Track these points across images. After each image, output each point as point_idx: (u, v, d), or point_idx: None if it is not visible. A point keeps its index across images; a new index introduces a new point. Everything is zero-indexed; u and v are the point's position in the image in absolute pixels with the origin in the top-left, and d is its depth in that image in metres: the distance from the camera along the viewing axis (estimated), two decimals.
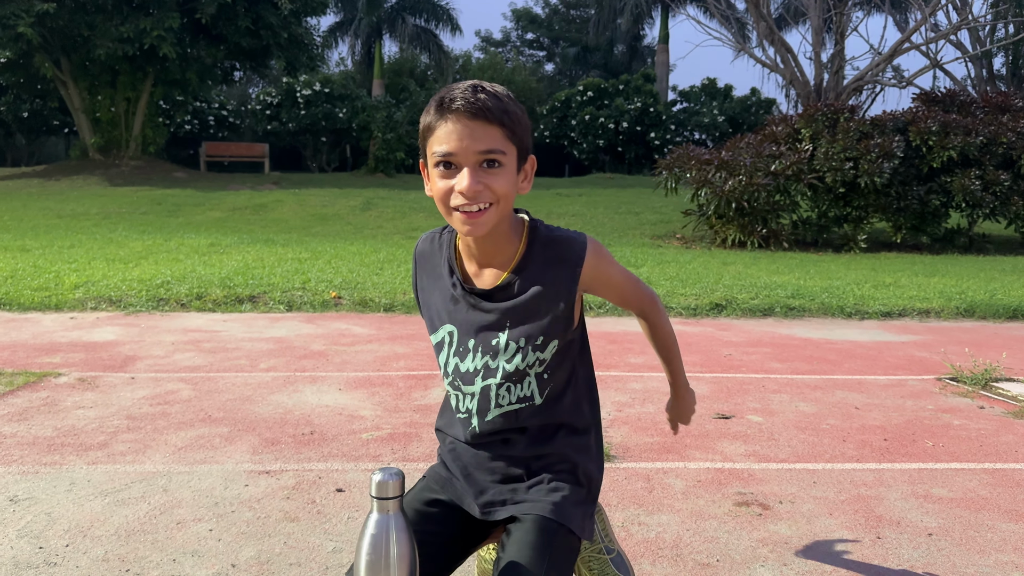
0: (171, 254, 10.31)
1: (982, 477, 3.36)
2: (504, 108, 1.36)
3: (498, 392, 1.51)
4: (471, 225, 1.38)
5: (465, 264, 1.55)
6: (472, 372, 1.53)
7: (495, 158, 1.36)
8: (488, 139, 1.35)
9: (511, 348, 1.49)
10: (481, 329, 1.51)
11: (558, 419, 1.56)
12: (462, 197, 1.36)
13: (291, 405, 4.22)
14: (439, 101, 1.38)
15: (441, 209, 1.42)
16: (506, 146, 1.37)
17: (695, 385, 4.83)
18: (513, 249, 1.50)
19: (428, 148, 1.40)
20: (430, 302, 1.60)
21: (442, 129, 1.36)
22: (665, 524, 2.81)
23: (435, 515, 1.56)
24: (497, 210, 1.39)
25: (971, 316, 7.72)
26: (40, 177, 22.15)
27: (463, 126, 1.34)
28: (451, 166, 1.37)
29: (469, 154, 1.35)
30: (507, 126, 1.37)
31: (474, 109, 1.34)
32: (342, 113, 28.63)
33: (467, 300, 1.52)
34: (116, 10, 21.28)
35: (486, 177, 1.36)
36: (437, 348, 1.59)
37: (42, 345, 5.58)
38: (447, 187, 1.38)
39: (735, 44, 26.03)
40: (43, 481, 3.07)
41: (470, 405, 1.55)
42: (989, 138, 14.44)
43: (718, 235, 14.77)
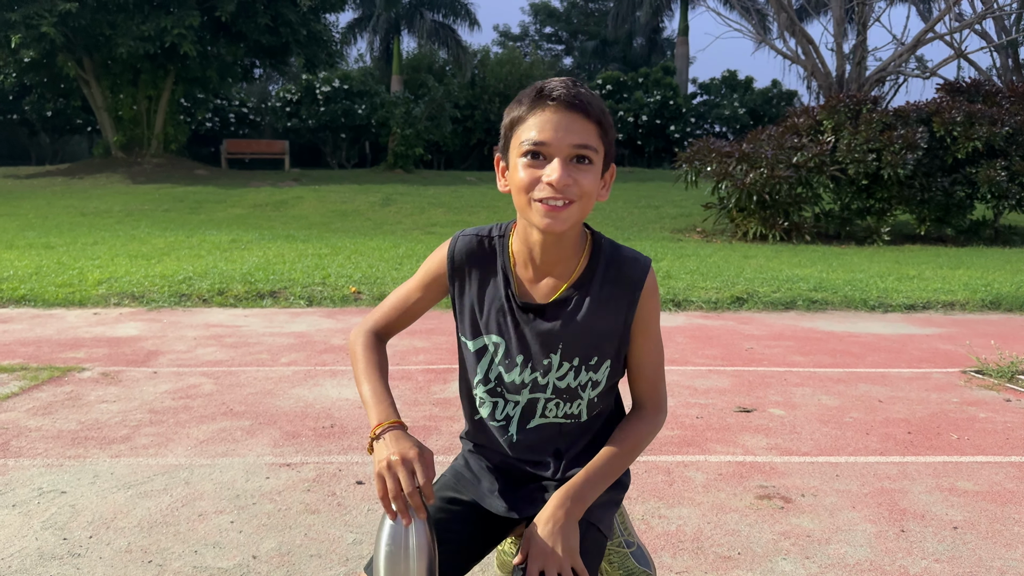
0: (193, 250, 10.40)
1: (1008, 470, 3.31)
2: (602, 107, 1.35)
3: (546, 405, 1.50)
4: (552, 219, 1.32)
5: (519, 271, 1.49)
6: (519, 384, 1.49)
7: (587, 154, 1.33)
8: (584, 134, 1.32)
9: (564, 367, 1.47)
10: (532, 346, 1.47)
11: (597, 436, 1.56)
12: (550, 189, 1.31)
13: (311, 399, 4.24)
14: (536, 91, 1.34)
15: (519, 200, 1.36)
16: (598, 144, 1.34)
17: (718, 378, 4.81)
18: (575, 261, 1.46)
19: (515, 137, 1.36)
20: (475, 307, 1.52)
21: (536, 118, 1.32)
22: (686, 517, 2.79)
23: (455, 513, 1.55)
24: (579, 208, 1.35)
25: (997, 308, 7.61)
26: (64, 175, 22.41)
27: (561, 116, 1.31)
28: (539, 157, 1.32)
29: (563, 146, 1.31)
30: (603, 125, 1.34)
31: (574, 102, 1.31)
32: (361, 109, 28.70)
33: (520, 316, 1.47)
34: (137, 9, 21.46)
35: (575, 172, 1.32)
36: (476, 355, 1.53)
37: (66, 340, 5.64)
38: (532, 177, 1.32)
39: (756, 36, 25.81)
40: (67, 474, 3.10)
41: (511, 412, 1.52)
42: (1015, 128, 14.22)
43: (739, 228, 14.66)
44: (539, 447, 1.54)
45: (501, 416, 1.53)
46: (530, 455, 1.55)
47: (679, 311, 7.28)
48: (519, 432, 1.53)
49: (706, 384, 4.69)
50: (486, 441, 1.60)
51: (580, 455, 1.54)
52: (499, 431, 1.55)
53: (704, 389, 4.58)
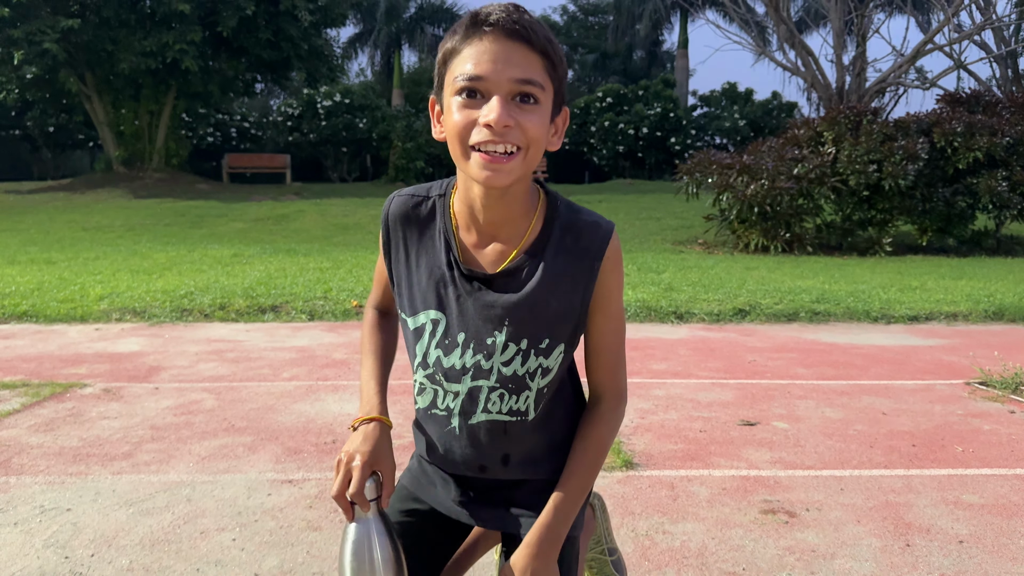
0: (194, 265, 10.41)
1: (1014, 483, 3.30)
2: (548, 36, 1.15)
3: (488, 396, 1.31)
4: (492, 171, 1.14)
5: (462, 235, 1.30)
6: (459, 370, 1.31)
7: (532, 92, 1.14)
8: (527, 66, 1.13)
9: (510, 349, 1.28)
10: (475, 323, 1.28)
11: (549, 438, 1.39)
12: (488, 131, 1.12)
13: (313, 414, 4.23)
14: (471, 18, 1.15)
15: (454, 149, 1.17)
16: (545, 81, 1.16)
17: (721, 391, 4.79)
18: (526, 223, 1.28)
19: (448, 73, 1.17)
20: (411, 279, 1.33)
21: (471, 49, 1.13)
22: (690, 532, 2.78)
23: (411, 525, 1.44)
24: (524, 159, 1.16)
25: (1000, 319, 7.60)
26: (66, 190, 22.47)
27: (499, 47, 1.12)
28: (476, 95, 1.13)
29: (502, 80, 1.12)
30: (549, 57, 1.15)
31: (514, 28, 1.12)
32: (362, 123, 28.80)
33: (463, 286, 1.28)
34: (139, 25, 21.60)
35: (519, 113, 1.13)
36: (415, 334, 1.34)
37: (68, 356, 5.64)
38: (468, 119, 1.14)
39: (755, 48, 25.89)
40: (69, 491, 3.09)
41: (451, 404, 1.34)
42: (1016, 138, 14.24)
43: (741, 240, 14.66)
44: (482, 449, 1.36)
45: (443, 408, 1.35)
46: (474, 455, 1.37)
47: (681, 323, 7.26)
48: (460, 427, 1.34)
49: (709, 397, 4.68)
50: (432, 433, 1.42)
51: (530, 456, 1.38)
52: (441, 422, 1.37)
53: (707, 402, 4.56)
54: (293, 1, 22.34)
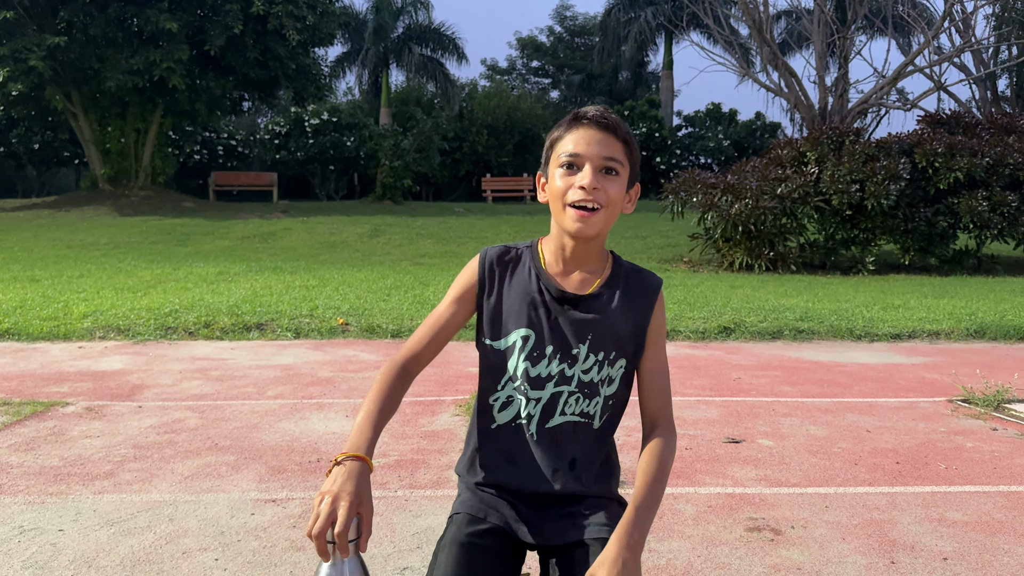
0: (179, 283, 10.35)
1: (997, 500, 3.32)
2: (628, 131, 1.54)
3: (567, 400, 1.56)
4: (583, 223, 1.49)
5: (551, 268, 1.61)
6: (545, 377, 1.56)
7: (614, 166, 1.50)
8: (612, 148, 1.50)
9: (590, 360, 1.56)
10: (562, 336, 1.56)
11: (606, 453, 1.64)
12: (581, 192, 1.47)
13: (298, 433, 4.21)
14: (573, 115, 1.53)
15: (555, 206, 1.53)
16: (624, 160, 1.52)
17: (706, 409, 4.80)
18: (601, 265, 1.62)
19: (555, 152, 1.54)
20: (502, 307, 1.60)
21: (572, 135, 1.51)
22: (676, 551, 2.78)
23: (488, 547, 1.51)
24: (606, 214, 1.51)
25: (982, 337, 7.67)
26: (50, 208, 22.33)
27: (593, 133, 1.50)
28: (574, 167, 1.50)
29: (594, 157, 1.49)
30: (628, 144, 1.53)
31: (604, 122, 1.50)
32: (350, 142, 28.82)
33: (553, 306, 1.57)
34: (126, 43, 21.55)
35: (604, 181, 1.49)
36: (503, 354, 1.58)
37: (50, 375, 5.59)
38: (567, 184, 1.50)
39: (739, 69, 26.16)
40: (49, 511, 3.06)
41: (533, 411, 1.56)
42: (995, 159, 14.43)
43: (725, 258, 14.75)
44: (555, 451, 1.57)
45: (524, 415, 1.57)
46: (546, 459, 1.57)
47: (668, 341, 7.27)
48: (538, 432, 1.56)
49: (695, 415, 4.69)
50: (505, 448, 1.59)
51: (591, 465, 1.59)
52: (520, 431, 1.57)
53: (693, 420, 4.57)
54: (281, 20, 22.36)
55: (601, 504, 1.58)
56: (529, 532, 1.55)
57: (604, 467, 1.63)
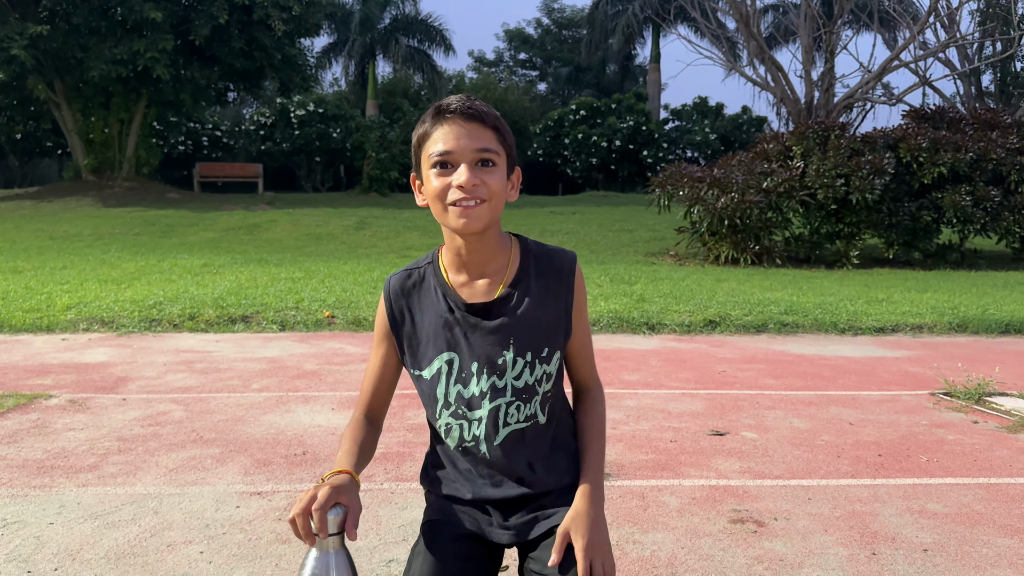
0: (164, 275, 10.29)
1: (977, 492, 3.36)
2: (496, 115, 1.47)
3: (507, 411, 1.53)
4: (467, 218, 1.42)
5: (454, 280, 1.55)
6: (478, 396, 1.53)
7: (490, 157, 1.44)
8: (483, 139, 1.43)
9: (519, 364, 1.52)
10: (484, 349, 1.51)
11: (558, 439, 1.61)
12: (460, 191, 1.41)
13: (283, 425, 4.20)
14: (435, 109, 1.46)
15: (436, 208, 1.46)
16: (498, 148, 1.45)
17: (691, 402, 4.83)
18: (505, 259, 1.55)
19: (424, 152, 1.47)
20: (420, 336, 1.56)
21: (439, 131, 1.44)
22: (660, 542, 2.80)
23: (462, 552, 1.53)
24: (490, 207, 1.44)
25: (964, 331, 7.74)
26: (33, 199, 22.12)
27: (460, 127, 1.43)
28: (447, 166, 1.43)
29: (466, 152, 1.42)
30: (499, 130, 1.46)
31: (470, 113, 1.43)
32: (336, 133, 28.68)
33: (466, 322, 1.52)
34: (110, 32, 21.33)
35: (481, 174, 1.42)
36: (431, 383, 1.55)
37: (33, 367, 5.55)
38: (444, 185, 1.43)
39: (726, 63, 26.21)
40: (32, 504, 3.04)
41: (477, 432, 1.54)
42: (979, 154, 14.55)
43: (711, 252, 14.80)
44: (510, 461, 1.55)
45: (470, 438, 1.55)
46: (503, 471, 1.56)
47: (653, 334, 7.31)
48: (490, 451, 1.54)
49: (680, 408, 4.71)
50: (463, 468, 1.59)
51: (548, 461, 1.58)
52: (472, 452, 1.56)
53: (678, 412, 4.60)
54: (267, 10, 22.19)
55: (568, 493, 1.57)
56: (501, 534, 1.56)
57: (563, 456, 1.61)
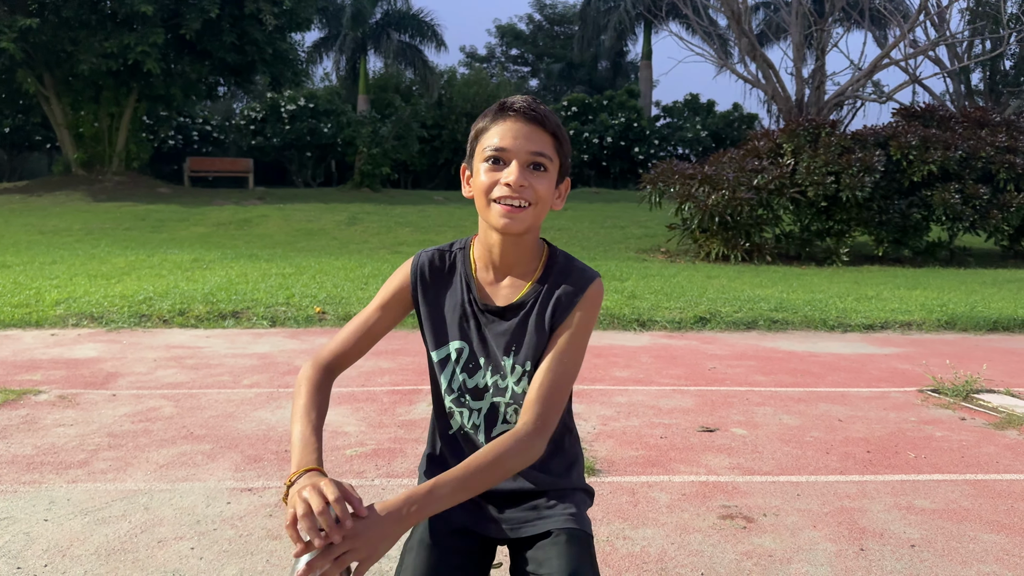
0: (154, 270, 10.25)
1: (964, 488, 3.38)
2: (557, 123, 1.46)
3: (506, 411, 1.54)
4: (509, 219, 1.41)
5: (480, 275, 1.56)
6: (482, 388, 1.54)
7: (543, 162, 1.43)
8: (540, 142, 1.42)
9: (517, 371, 1.52)
10: (492, 349, 1.53)
11: (557, 442, 1.60)
12: (507, 189, 1.40)
13: (274, 421, 4.20)
14: (499, 105, 1.45)
15: (480, 202, 1.46)
16: (553, 155, 1.45)
17: (681, 398, 4.85)
18: (533, 265, 1.55)
19: (479, 145, 1.46)
20: (438, 317, 1.57)
21: (498, 127, 1.43)
22: (650, 538, 2.81)
23: (455, 546, 1.52)
24: (535, 211, 1.44)
25: (952, 328, 7.79)
26: (22, 193, 21.98)
27: (520, 126, 1.42)
28: (500, 162, 1.42)
29: (521, 152, 1.41)
30: (558, 137, 1.45)
31: (532, 114, 1.42)
32: (327, 128, 28.61)
33: (482, 318, 1.54)
34: (100, 26, 21.20)
35: (532, 177, 1.42)
36: (440, 365, 1.56)
37: (22, 362, 5.52)
38: (492, 180, 1.43)
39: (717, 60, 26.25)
40: (22, 500, 3.03)
41: (477, 420, 1.56)
42: (968, 152, 14.63)
43: (702, 249, 14.84)
44: None
45: (470, 425, 1.57)
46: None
47: (644, 331, 7.33)
48: (487, 440, 1.55)
49: (670, 404, 4.73)
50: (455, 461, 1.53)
51: (545, 462, 1.58)
52: (472, 439, 1.58)
53: (668, 409, 4.62)
54: (258, 4, 22.09)
55: (564, 494, 1.58)
56: (495, 529, 1.56)
57: (560, 459, 1.61)
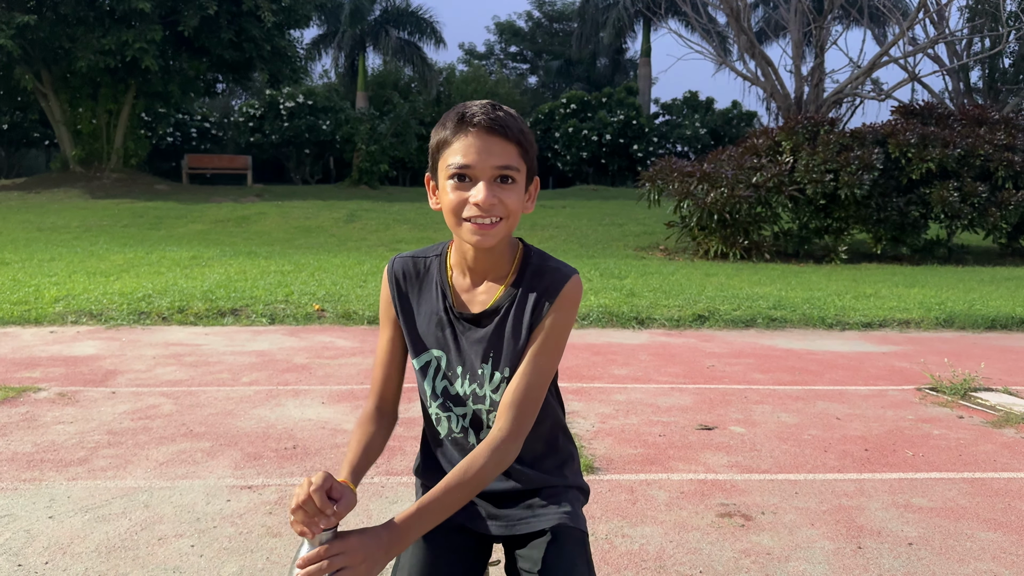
0: (152, 267, 10.25)
1: (961, 486, 3.40)
2: (520, 128, 1.41)
3: (487, 418, 1.53)
4: (481, 236, 1.39)
5: (457, 281, 1.54)
6: (464, 396, 1.54)
7: (510, 174, 1.39)
8: (505, 155, 1.38)
9: (496, 378, 1.50)
10: (468, 356, 1.52)
11: (551, 441, 1.61)
12: (477, 209, 1.37)
13: (274, 419, 4.20)
14: (458, 116, 1.39)
15: (450, 220, 1.42)
16: (519, 164, 1.41)
17: (679, 396, 4.86)
18: (508, 267, 1.52)
19: (442, 160, 1.42)
20: (415, 325, 1.57)
21: (460, 143, 1.38)
22: (648, 536, 2.82)
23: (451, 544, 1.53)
24: (506, 224, 1.41)
25: (950, 326, 7.80)
26: (20, 190, 21.96)
27: (482, 141, 1.37)
28: (465, 179, 1.38)
29: (486, 168, 1.37)
30: (523, 145, 1.41)
31: (494, 125, 1.37)
32: (325, 125, 28.60)
33: (457, 325, 1.52)
34: (98, 22, 21.16)
35: (500, 192, 1.38)
36: (422, 372, 1.57)
37: (21, 360, 5.52)
38: (460, 199, 1.39)
39: (716, 58, 26.25)
40: (22, 498, 3.04)
41: (465, 424, 1.55)
42: (966, 150, 14.64)
43: (700, 247, 14.85)
44: None
45: (459, 430, 1.56)
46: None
47: (642, 329, 7.34)
48: (479, 442, 1.52)
49: (668, 402, 4.74)
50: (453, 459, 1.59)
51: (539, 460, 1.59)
52: (462, 443, 1.57)
53: (666, 407, 4.63)
54: (256, 1, 22.07)
55: (558, 492, 1.58)
56: (490, 527, 1.57)
57: (554, 457, 1.61)
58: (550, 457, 1.61)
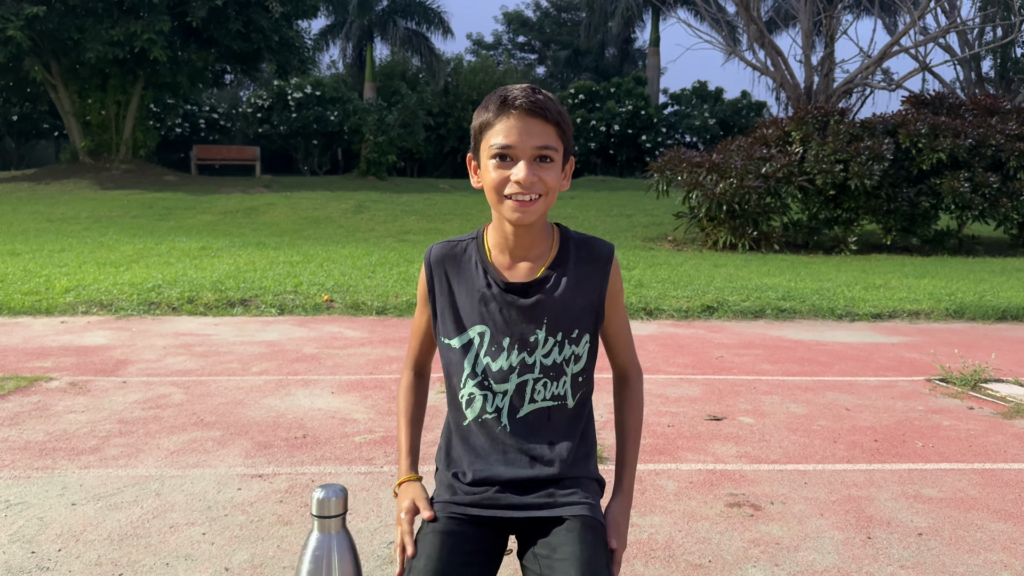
0: (162, 258, 10.29)
1: (971, 477, 3.39)
2: (558, 110, 1.50)
3: (534, 387, 1.59)
4: (522, 212, 1.49)
5: (497, 259, 1.61)
6: (507, 370, 1.58)
7: (548, 154, 1.48)
8: (544, 136, 1.47)
9: (549, 343, 1.58)
10: (517, 326, 1.58)
11: (580, 428, 1.65)
12: (518, 186, 1.47)
13: (283, 409, 4.22)
14: (500, 99, 1.49)
15: (492, 197, 1.51)
16: (557, 144, 1.50)
17: (688, 387, 4.86)
18: (547, 244, 1.61)
19: (484, 141, 1.51)
20: (455, 306, 1.62)
21: (502, 124, 1.47)
22: (657, 525, 2.83)
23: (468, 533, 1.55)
24: (545, 201, 1.51)
25: (960, 317, 7.77)
26: (30, 181, 22.05)
27: (523, 122, 1.46)
28: (507, 158, 1.48)
29: (527, 148, 1.46)
30: (560, 126, 1.50)
31: (534, 108, 1.46)
32: (333, 116, 28.59)
33: (503, 298, 1.58)
34: (106, 13, 21.19)
35: (539, 170, 1.48)
36: (463, 351, 1.61)
37: (33, 349, 5.56)
38: (502, 177, 1.48)
39: (725, 47, 26.11)
40: (35, 486, 3.06)
41: (500, 404, 1.59)
42: (978, 140, 14.53)
43: (709, 237, 14.81)
44: (531, 439, 1.60)
45: (492, 409, 1.60)
46: (522, 448, 1.60)
47: (651, 319, 7.34)
48: (511, 423, 1.59)
49: (677, 392, 4.74)
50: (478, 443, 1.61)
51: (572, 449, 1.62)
52: (491, 425, 1.60)
53: (675, 398, 4.63)
54: None
55: (578, 483, 1.60)
56: (508, 516, 1.57)
57: (582, 446, 1.65)
58: (581, 447, 1.64)
